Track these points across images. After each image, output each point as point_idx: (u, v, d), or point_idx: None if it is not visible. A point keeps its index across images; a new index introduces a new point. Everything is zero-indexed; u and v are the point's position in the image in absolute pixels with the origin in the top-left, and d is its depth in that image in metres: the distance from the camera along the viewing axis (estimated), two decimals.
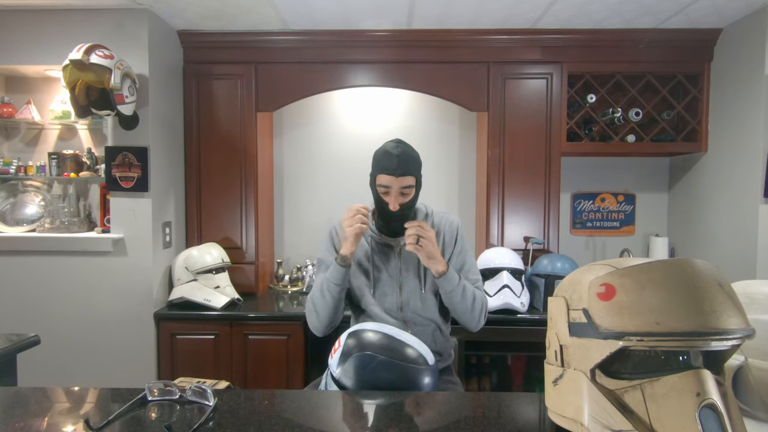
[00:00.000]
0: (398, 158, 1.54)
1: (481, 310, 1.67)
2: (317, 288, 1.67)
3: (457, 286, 1.60)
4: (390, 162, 1.55)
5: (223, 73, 2.88)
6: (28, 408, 1.06)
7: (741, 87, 2.57)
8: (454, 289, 1.60)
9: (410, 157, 1.57)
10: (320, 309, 1.66)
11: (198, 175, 2.90)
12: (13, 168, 2.66)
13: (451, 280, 1.60)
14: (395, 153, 1.55)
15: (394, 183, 1.56)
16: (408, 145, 1.61)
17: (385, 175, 1.57)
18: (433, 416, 1.04)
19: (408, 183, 1.57)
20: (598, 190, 3.27)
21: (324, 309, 1.65)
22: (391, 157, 1.55)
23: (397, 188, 1.57)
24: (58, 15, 2.49)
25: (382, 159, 1.57)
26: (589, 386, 0.84)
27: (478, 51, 2.85)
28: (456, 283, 1.60)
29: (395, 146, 1.57)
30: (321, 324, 1.68)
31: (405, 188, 1.57)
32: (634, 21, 2.66)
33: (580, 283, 0.88)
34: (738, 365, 0.97)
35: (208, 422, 0.98)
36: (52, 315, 2.57)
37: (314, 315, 1.68)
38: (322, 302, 1.65)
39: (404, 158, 1.55)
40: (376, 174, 1.60)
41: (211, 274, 2.69)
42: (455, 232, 1.74)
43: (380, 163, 1.58)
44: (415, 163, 1.59)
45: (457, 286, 1.60)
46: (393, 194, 1.58)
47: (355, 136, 3.25)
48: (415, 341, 1.26)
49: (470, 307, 1.64)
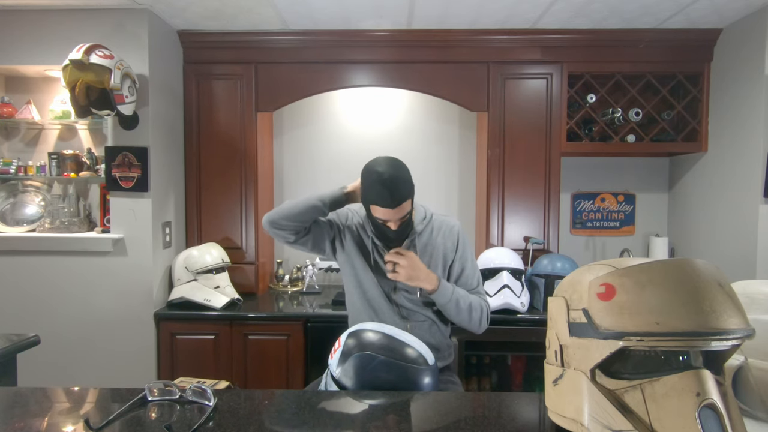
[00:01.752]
0: (391, 190, 1.46)
1: (480, 317, 1.65)
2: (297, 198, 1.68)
3: (450, 299, 1.59)
4: (384, 196, 1.47)
5: (223, 73, 2.88)
6: (28, 408, 1.06)
7: (741, 87, 2.57)
8: (447, 303, 1.60)
9: (403, 182, 1.49)
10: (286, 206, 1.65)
11: (198, 175, 2.90)
12: (13, 168, 2.66)
13: (443, 294, 1.58)
14: (387, 185, 1.45)
15: (392, 215, 1.51)
16: (398, 167, 1.50)
17: (380, 208, 1.50)
18: (433, 416, 1.04)
19: (405, 210, 1.53)
20: (598, 190, 3.27)
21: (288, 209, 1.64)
22: (383, 191, 1.46)
23: (397, 218, 1.54)
24: (58, 15, 2.49)
25: (374, 188, 1.48)
26: (589, 386, 0.84)
27: (478, 51, 2.85)
28: (449, 296, 1.59)
29: (386, 177, 1.46)
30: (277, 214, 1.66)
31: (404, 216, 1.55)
32: (634, 21, 2.66)
33: (580, 283, 0.88)
34: (738, 365, 0.97)
35: (208, 422, 0.98)
36: (52, 315, 2.57)
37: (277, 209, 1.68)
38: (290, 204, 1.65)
39: (397, 187, 1.47)
40: (369, 203, 1.53)
41: (211, 274, 2.68)
42: (456, 237, 1.70)
43: (372, 192, 1.49)
44: (407, 185, 1.51)
45: (450, 300, 1.59)
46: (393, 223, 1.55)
47: (355, 136, 3.25)
48: (415, 341, 1.26)
49: (467, 317, 1.62)
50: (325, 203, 1.62)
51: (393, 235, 1.59)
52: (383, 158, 1.53)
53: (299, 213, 1.63)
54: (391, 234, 1.58)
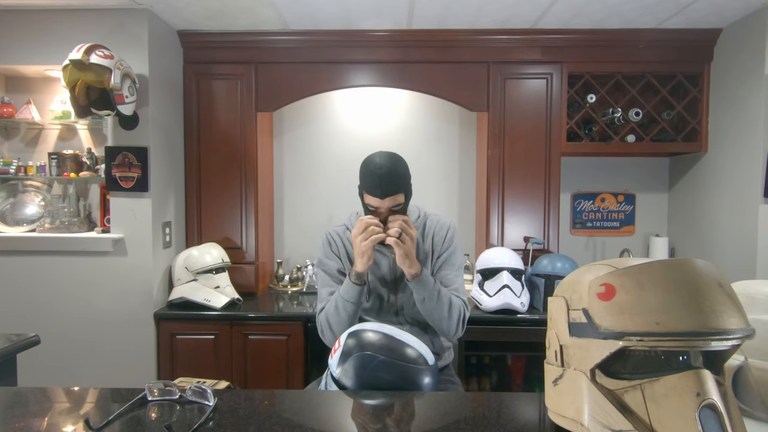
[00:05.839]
0: (384, 180, 1.47)
1: (459, 318, 1.60)
2: (332, 306, 1.60)
3: (432, 289, 1.55)
4: (375, 184, 1.49)
5: (223, 73, 2.88)
6: (28, 408, 1.06)
7: (741, 87, 2.57)
8: (428, 294, 1.54)
9: (397, 175, 1.50)
10: (335, 326, 1.59)
11: (198, 175, 2.90)
12: (13, 168, 2.66)
13: (425, 283, 1.54)
14: (380, 174, 1.47)
15: (382, 204, 1.52)
16: (395, 160, 1.52)
17: (371, 197, 1.52)
18: (433, 416, 1.04)
19: (396, 202, 1.53)
20: (598, 190, 3.27)
21: (339, 326, 1.58)
22: (375, 179, 1.48)
23: (386, 208, 1.53)
24: (58, 15, 2.49)
25: (368, 178, 1.50)
26: (589, 386, 0.84)
27: (478, 51, 2.85)
28: (431, 286, 1.55)
29: (380, 166, 1.48)
30: (335, 338, 1.58)
31: (394, 206, 1.54)
32: (634, 21, 2.66)
33: (580, 283, 0.88)
34: (738, 365, 0.97)
35: (208, 422, 0.98)
36: (52, 315, 2.57)
37: (329, 332, 1.62)
38: (336, 319, 1.58)
39: (390, 179, 1.48)
40: (363, 192, 1.55)
41: (211, 274, 2.68)
42: (446, 233, 1.68)
43: (366, 181, 1.52)
44: (402, 179, 1.52)
45: (432, 290, 1.55)
46: (382, 213, 1.54)
47: (355, 136, 3.25)
48: (415, 341, 1.26)
49: (447, 314, 1.57)
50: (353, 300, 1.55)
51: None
52: (384, 152, 1.55)
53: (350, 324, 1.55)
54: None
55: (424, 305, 1.57)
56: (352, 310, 1.57)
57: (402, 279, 1.65)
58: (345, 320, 1.57)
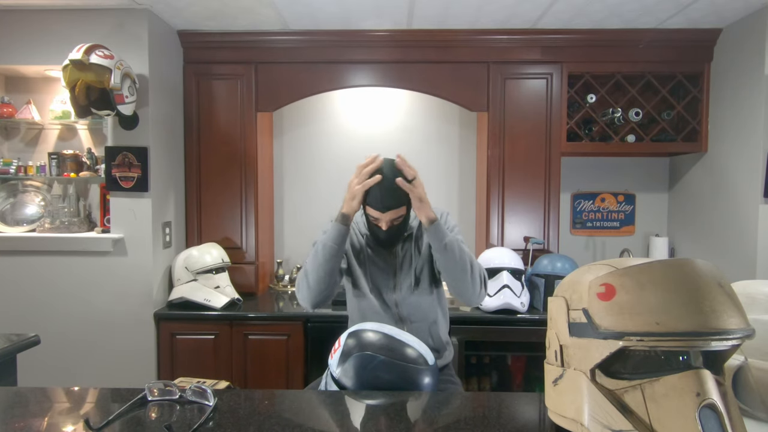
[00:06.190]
0: (386, 195, 1.48)
1: (481, 276, 1.55)
2: (312, 252, 1.55)
3: (452, 240, 1.50)
4: (378, 198, 1.49)
5: (223, 73, 2.88)
6: (28, 408, 1.06)
7: (741, 87, 2.57)
8: (448, 242, 1.49)
9: (400, 189, 1.47)
10: (311, 272, 1.53)
11: (198, 175, 2.90)
12: (13, 168, 2.66)
13: (442, 230, 1.51)
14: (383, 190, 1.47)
15: (384, 216, 1.52)
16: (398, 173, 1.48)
17: (373, 209, 1.52)
18: (433, 416, 1.04)
19: (398, 215, 1.53)
20: (598, 190, 3.27)
21: (315, 272, 1.52)
22: (377, 193, 1.48)
23: (387, 220, 1.53)
24: (58, 15, 2.49)
25: (372, 190, 1.50)
26: (589, 386, 0.84)
27: (478, 51, 2.85)
28: (449, 235, 1.51)
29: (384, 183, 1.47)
30: (310, 291, 1.54)
31: (395, 219, 1.54)
32: (634, 21, 2.66)
33: (580, 283, 0.88)
34: (738, 365, 0.97)
35: (208, 422, 0.98)
36: (52, 315, 2.56)
37: (304, 282, 1.55)
38: (314, 264, 1.52)
39: (393, 192, 1.48)
40: (365, 203, 1.54)
41: (211, 274, 2.68)
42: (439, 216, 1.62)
43: (369, 193, 1.51)
44: (404, 192, 1.49)
45: (452, 241, 1.50)
46: (383, 223, 1.54)
47: (355, 136, 3.25)
48: (415, 341, 1.26)
49: (469, 269, 1.51)
50: (335, 240, 1.52)
51: (383, 236, 1.58)
52: (388, 161, 1.52)
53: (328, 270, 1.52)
54: (382, 235, 1.58)
55: (445, 255, 1.50)
56: (333, 252, 1.51)
57: (401, 278, 1.66)
58: (322, 263, 1.51)
